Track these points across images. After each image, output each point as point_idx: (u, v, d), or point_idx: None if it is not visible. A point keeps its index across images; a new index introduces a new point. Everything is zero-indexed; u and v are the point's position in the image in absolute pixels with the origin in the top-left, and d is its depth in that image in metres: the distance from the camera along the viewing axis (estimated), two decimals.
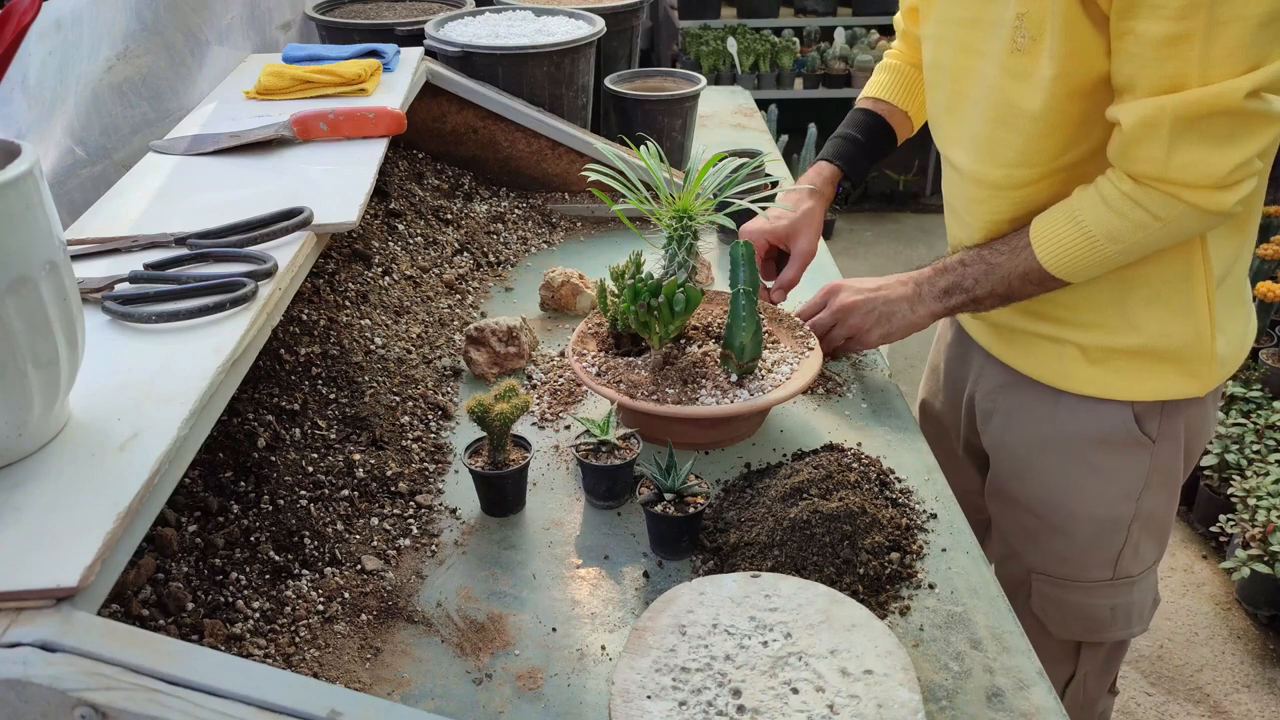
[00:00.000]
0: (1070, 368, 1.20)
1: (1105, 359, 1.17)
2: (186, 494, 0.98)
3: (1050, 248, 1.09)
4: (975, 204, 1.19)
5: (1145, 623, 1.32)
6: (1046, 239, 1.09)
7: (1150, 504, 1.23)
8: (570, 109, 1.85)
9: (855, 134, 1.44)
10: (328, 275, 1.36)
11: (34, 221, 0.68)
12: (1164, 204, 1.01)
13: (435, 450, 1.19)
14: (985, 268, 1.15)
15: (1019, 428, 1.28)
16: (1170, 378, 1.17)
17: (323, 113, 1.34)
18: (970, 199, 1.20)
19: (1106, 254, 1.06)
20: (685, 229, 1.23)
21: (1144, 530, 1.24)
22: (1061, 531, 1.25)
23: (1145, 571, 1.28)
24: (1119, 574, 1.26)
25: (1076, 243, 1.07)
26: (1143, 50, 0.94)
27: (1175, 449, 1.22)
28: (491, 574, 1.02)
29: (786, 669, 0.80)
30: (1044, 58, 1.02)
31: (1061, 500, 1.25)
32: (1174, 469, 1.23)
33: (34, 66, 1.11)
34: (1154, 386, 1.17)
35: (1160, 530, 1.27)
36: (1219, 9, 0.89)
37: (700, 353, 1.24)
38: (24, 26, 0.69)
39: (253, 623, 0.91)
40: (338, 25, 1.84)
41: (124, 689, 0.62)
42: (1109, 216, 1.04)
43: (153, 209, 1.14)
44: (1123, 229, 1.04)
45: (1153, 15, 0.92)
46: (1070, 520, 1.25)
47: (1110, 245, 1.05)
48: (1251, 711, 2.22)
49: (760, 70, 4.95)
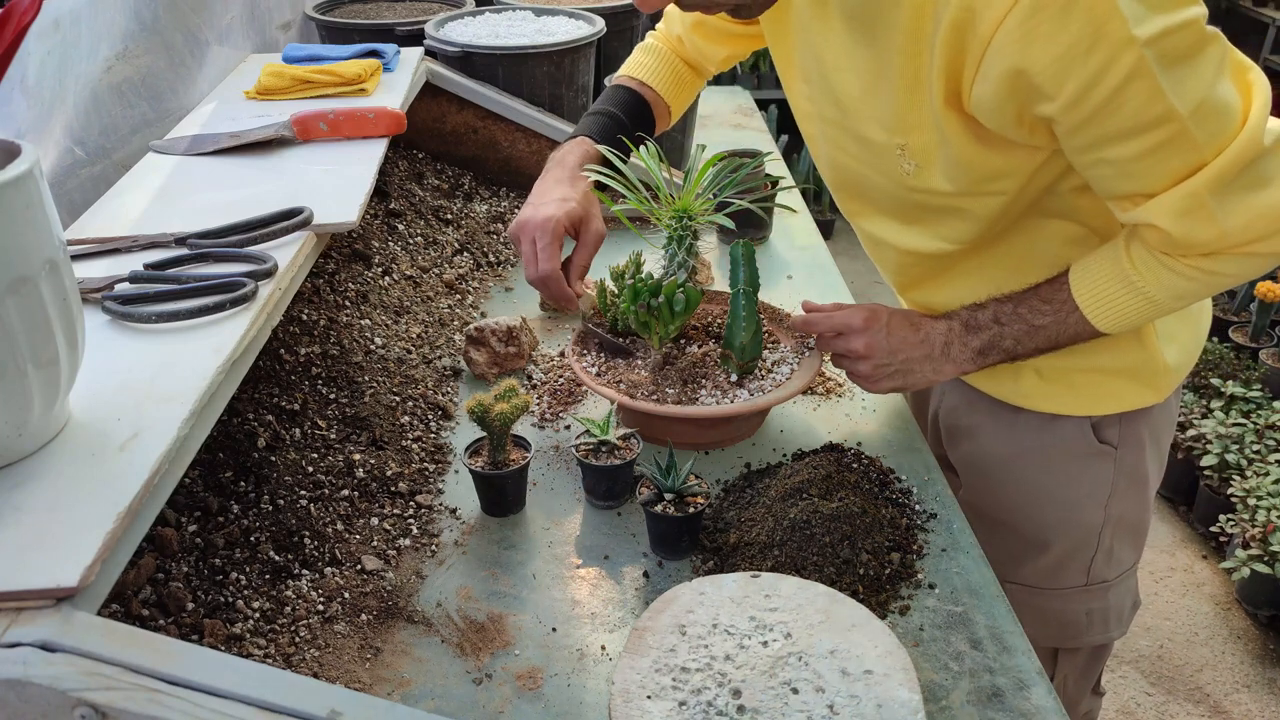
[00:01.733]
0: (1027, 387, 1.18)
1: (1060, 377, 1.15)
2: (186, 494, 0.98)
3: (1107, 313, 1.02)
4: (909, 269, 1.17)
5: (1124, 626, 1.31)
6: (1101, 305, 1.02)
7: (1119, 508, 1.22)
8: (570, 109, 1.85)
9: (618, 113, 1.31)
10: (328, 275, 1.36)
11: (34, 221, 0.68)
12: (1239, 263, 0.95)
13: (435, 450, 1.19)
14: (1026, 329, 1.07)
15: (983, 444, 1.26)
16: (1127, 391, 1.16)
17: (323, 113, 1.34)
18: (901, 266, 1.18)
19: (1168, 309, 1.02)
20: (685, 229, 1.23)
21: (1116, 535, 1.23)
22: (1033, 542, 1.24)
23: (1122, 575, 1.27)
24: (1093, 579, 1.25)
25: (1138, 308, 1.00)
26: (1136, 167, 0.90)
27: (1139, 453, 1.20)
28: (491, 574, 1.02)
29: (786, 669, 0.80)
30: (944, 181, 0.99)
31: (1030, 512, 1.24)
32: (1140, 472, 1.22)
33: (33, 66, 1.11)
34: (1112, 401, 1.16)
35: (1134, 533, 1.26)
36: (1185, 99, 0.84)
37: (700, 353, 1.24)
38: (24, 26, 0.69)
39: (253, 623, 0.91)
40: (338, 25, 1.84)
41: (124, 689, 0.62)
42: (1176, 282, 0.97)
43: (153, 209, 1.14)
44: (1192, 289, 0.98)
45: (1125, 140, 0.87)
46: (1041, 530, 1.24)
47: (1176, 303, 1.00)
48: (1251, 711, 2.22)
49: (760, 70, 4.95)
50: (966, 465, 1.30)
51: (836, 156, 1.11)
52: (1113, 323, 1.02)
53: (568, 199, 1.20)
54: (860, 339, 1.13)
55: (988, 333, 1.09)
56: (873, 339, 1.13)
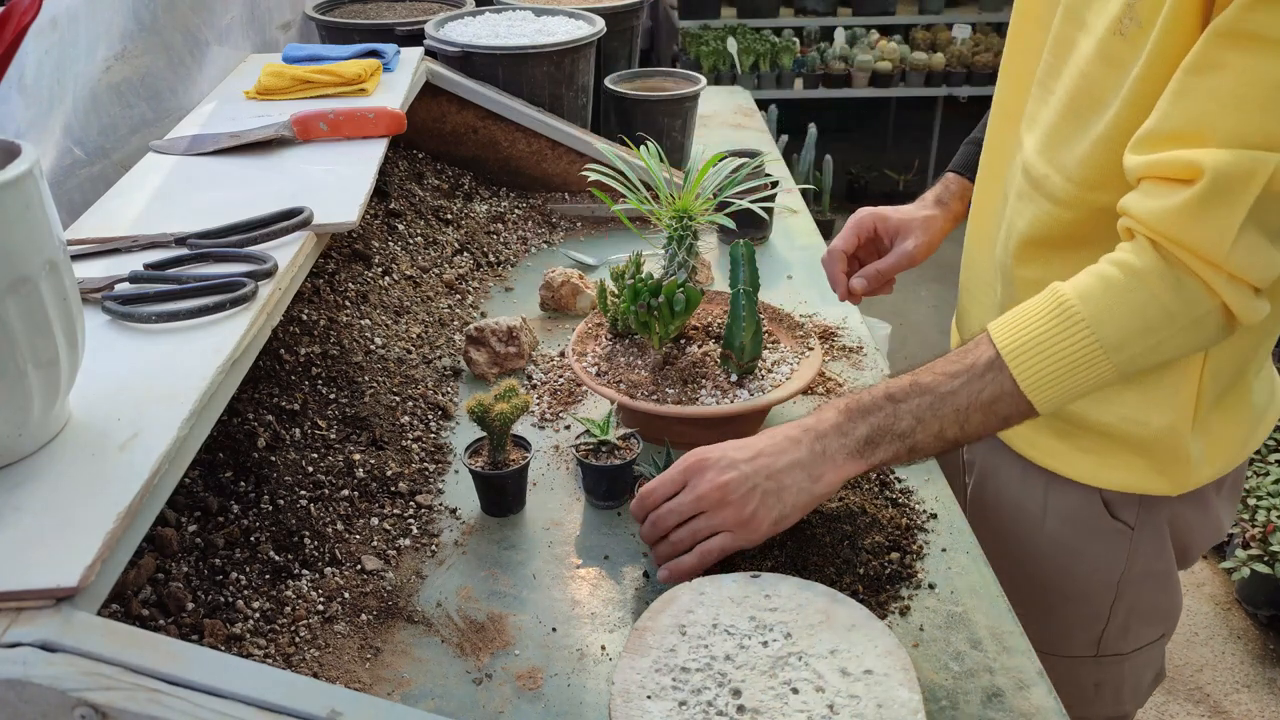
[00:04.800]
0: (1037, 436, 1.06)
1: (1072, 434, 1.03)
2: (186, 494, 0.98)
3: (1034, 361, 0.82)
4: (1019, 204, 0.99)
5: (1140, 700, 1.16)
6: (1027, 350, 0.83)
7: (1135, 592, 1.08)
8: (570, 109, 1.85)
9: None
10: (328, 275, 1.36)
11: (34, 221, 0.68)
12: (1193, 298, 0.79)
13: (435, 450, 1.19)
14: (928, 402, 0.86)
15: (993, 489, 1.16)
16: (1137, 469, 1.01)
17: (323, 113, 1.33)
18: (1018, 194, 0.99)
19: (1122, 363, 0.82)
20: (685, 229, 1.23)
21: (1132, 614, 1.09)
22: (1036, 604, 1.10)
23: (1141, 649, 1.13)
24: (1104, 651, 1.12)
25: (1076, 353, 0.82)
26: (1249, 93, 0.73)
27: (1160, 543, 1.06)
28: (491, 574, 1.02)
29: (786, 669, 0.80)
30: (1142, 51, 0.82)
31: (1035, 573, 1.11)
32: (1162, 563, 1.07)
33: (30, 65, 1.11)
34: (1120, 476, 1.02)
35: (1156, 614, 1.12)
36: None
37: (700, 353, 1.24)
38: (24, 26, 0.69)
39: (253, 623, 0.91)
40: (338, 25, 1.84)
41: (124, 689, 0.62)
42: (1133, 301, 0.80)
43: (153, 209, 1.14)
44: (1152, 317, 0.80)
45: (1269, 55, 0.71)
46: (1044, 594, 1.11)
47: (1127, 346, 0.81)
48: (1251, 711, 2.22)
49: (760, 70, 4.95)
50: (976, 505, 1.19)
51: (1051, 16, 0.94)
52: (1039, 374, 0.82)
53: (900, 210, 1.19)
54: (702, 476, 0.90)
55: (877, 415, 0.87)
56: (715, 469, 0.89)
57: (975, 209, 1.14)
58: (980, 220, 1.13)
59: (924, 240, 1.15)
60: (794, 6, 5.29)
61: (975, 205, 1.14)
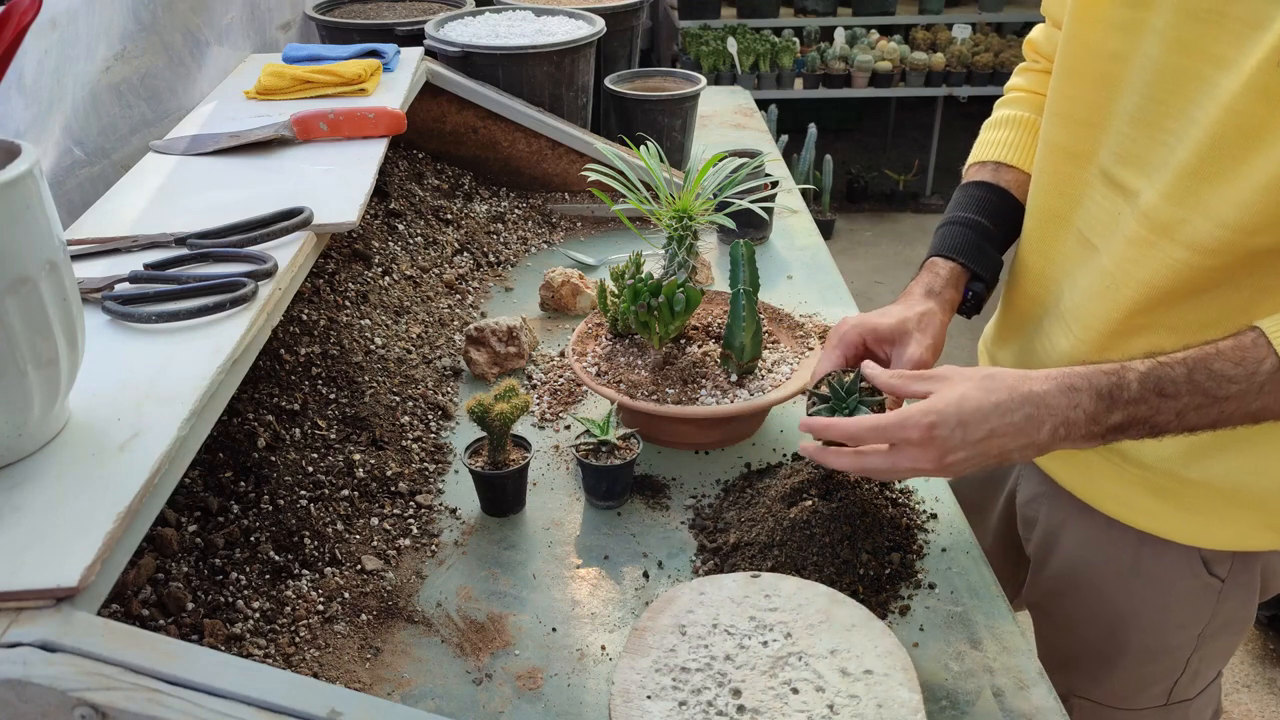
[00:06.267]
0: (1129, 494, 0.98)
1: (1174, 492, 0.95)
2: (186, 494, 0.98)
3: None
4: (1132, 251, 0.89)
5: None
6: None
7: (1212, 642, 1.05)
8: (570, 109, 1.85)
9: (979, 219, 1.07)
10: (328, 275, 1.36)
11: (34, 221, 0.68)
12: None
13: (435, 450, 1.19)
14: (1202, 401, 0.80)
15: (1064, 548, 1.08)
16: (1247, 526, 0.95)
17: (323, 113, 1.34)
18: (1131, 241, 0.89)
19: None
20: (685, 229, 1.23)
21: (1204, 659, 1.06)
22: (1109, 661, 1.07)
23: (1204, 690, 1.10)
24: (1174, 699, 1.08)
25: None
26: None
27: (1249, 594, 1.02)
28: (491, 574, 1.02)
29: (786, 669, 0.80)
30: None
31: (1111, 630, 1.06)
32: (1246, 610, 1.04)
33: (30, 65, 1.11)
34: (1227, 535, 0.96)
35: (1225, 655, 1.09)
36: None
37: (700, 353, 1.24)
38: (24, 26, 0.69)
39: (253, 623, 0.91)
40: (338, 25, 1.84)
41: (124, 689, 0.62)
42: None
43: (152, 209, 1.14)
44: None
45: None
46: (1120, 652, 1.06)
47: None
48: (1251, 711, 2.22)
49: (760, 70, 4.95)
50: (1040, 562, 1.12)
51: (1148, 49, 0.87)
52: None
53: (888, 313, 1.02)
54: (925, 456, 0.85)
55: (1139, 407, 0.81)
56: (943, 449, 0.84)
57: (1025, 263, 1.08)
58: (1037, 270, 1.05)
59: (928, 343, 1.00)
60: (794, 6, 5.30)
61: (1025, 258, 1.08)
